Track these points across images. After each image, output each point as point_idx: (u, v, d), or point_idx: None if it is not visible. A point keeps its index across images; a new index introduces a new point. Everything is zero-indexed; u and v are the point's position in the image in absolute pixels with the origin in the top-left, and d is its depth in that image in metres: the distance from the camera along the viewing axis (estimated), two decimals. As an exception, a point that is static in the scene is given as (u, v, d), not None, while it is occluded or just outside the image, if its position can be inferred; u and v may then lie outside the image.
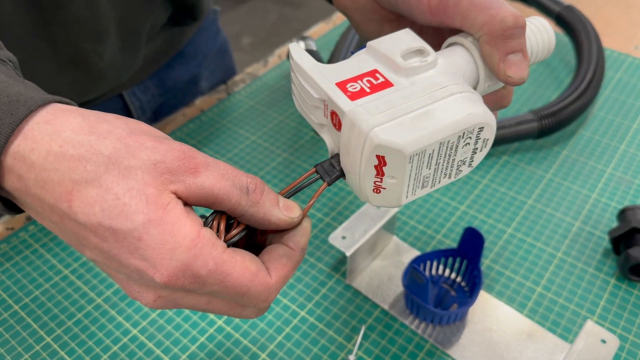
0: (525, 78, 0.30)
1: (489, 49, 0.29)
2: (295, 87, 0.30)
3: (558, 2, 0.69)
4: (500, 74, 0.30)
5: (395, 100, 0.27)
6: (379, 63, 0.29)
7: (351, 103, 0.27)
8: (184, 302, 0.26)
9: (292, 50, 0.30)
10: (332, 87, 0.27)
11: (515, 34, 0.29)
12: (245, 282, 0.25)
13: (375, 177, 0.27)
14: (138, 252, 0.23)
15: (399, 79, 0.28)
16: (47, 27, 0.43)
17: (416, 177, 0.28)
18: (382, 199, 0.28)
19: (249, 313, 0.28)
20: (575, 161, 0.56)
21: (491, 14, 0.29)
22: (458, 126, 0.26)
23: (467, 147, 0.28)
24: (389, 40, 0.30)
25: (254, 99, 0.64)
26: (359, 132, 0.26)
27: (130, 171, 0.23)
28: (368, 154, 0.26)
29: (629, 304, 0.44)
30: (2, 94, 0.24)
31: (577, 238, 0.49)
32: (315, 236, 0.49)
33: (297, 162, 0.56)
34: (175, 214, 0.24)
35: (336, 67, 0.29)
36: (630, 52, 0.71)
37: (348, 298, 0.45)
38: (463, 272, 0.45)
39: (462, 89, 0.28)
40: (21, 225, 0.50)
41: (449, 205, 0.52)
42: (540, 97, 0.64)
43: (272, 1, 2.49)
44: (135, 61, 0.52)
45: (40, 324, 0.43)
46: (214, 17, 0.67)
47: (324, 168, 0.29)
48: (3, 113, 0.24)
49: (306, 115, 0.30)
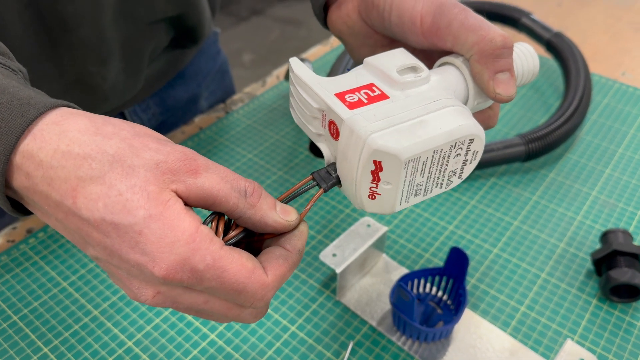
0: (513, 95, 0.32)
1: (479, 68, 0.31)
2: (294, 99, 0.32)
3: (548, 28, 0.71)
4: (489, 91, 0.32)
5: (392, 110, 0.29)
6: (375, 77, 0.31)
7: (350, 112, 0.28)
8: (183, 300, 0.27)
9: (292, 64, 0.31)
10: (331, 97, 0.29)
11: (503, 54, 0.31)
12: (241, 279, 0.26)
13: (371, 182, 0.28)
14: (138, 246, 0.24)
15: (394, 92, 0.30)
16: (54, 50, 0.45)
17: (410, 184, 0.29)
18: (377, 205, 0.30)
19: (246, 316, 0.29)
20: (561, 184, 0.58)
21: (481, 35, 0.31)
22: (451, 136, 0.28)
23: (458, 158, 0.30)
24: (385, 57, 0.32)
25: (252, 118, 0.66)
26: (357, 138, 0.27)
27: (134, 169, 0.25)
28: (365, 159, 0.27)
29: (610, 325, 0.45)
30: (13, 97, 0.26)
31: (561, 259, 0.50)
32: (307, 253, 0.51)
33: (291, 180, 0.58)
34: (175, 210, 0.25)
35: (334, 80, 0.31)
36: (618, 78, 0.73)
37: (337, 314, 0.46)
38: (449, 290, 0.46)
39: (454, 103, 0.30)
40: (22, 237, 0.52)
41: (438, 224, 0.53)
42: (528, 120, 0.66)
43: (273, 19, 2.53)
44: (138, 82, 0.54)
45: (38, 335, 0.44)
46: (214, 39, 0.69)
47: (320, 175, 0.31)
48: (14, 114, 0.25)
49: (304, 126, 0.32)
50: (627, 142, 0.62)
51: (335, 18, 0.39)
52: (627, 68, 0.75)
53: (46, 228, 0.52)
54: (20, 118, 0.25)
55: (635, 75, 0.73)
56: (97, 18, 0.46)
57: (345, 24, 0.39)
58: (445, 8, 0.32)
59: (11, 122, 0.25)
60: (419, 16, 0.33)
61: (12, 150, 0.25)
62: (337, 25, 0.39)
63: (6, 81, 0.27)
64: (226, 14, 2.58)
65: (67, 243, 0.51)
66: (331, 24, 0.40)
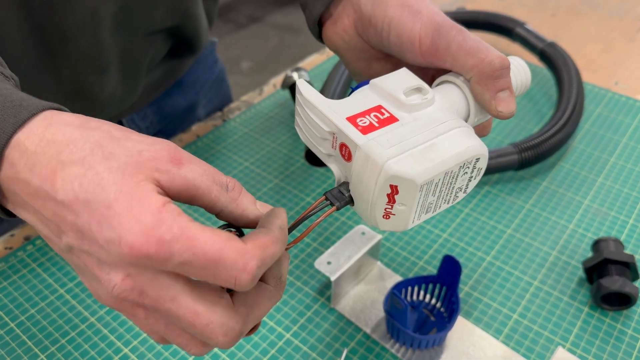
0: (514, 111, 0.33)
1: (480, 89, 0.33)
2: (302, 120, 0.33)
3: (542, 38, 0.72)
4: (492, 110, 0.33)
5: (403, 135, 0.30)
6: (382, 99, 0.32)
7: (364, 137, 0.29)
8: (152, 291, 0.25)
9: (300, 86, 0.32)
10: (343, 121, 0.30)
11: (502, 74, 0.32)
12: (216, 247, 0.24)
13: (387, 204, 0.29)
14: (107, 221, 0.24)
15: (402, 114, 0.31)
16: (53, 60, 0.46)
17: (423, 204, 0.30)
18: (391, 224, 0.31)
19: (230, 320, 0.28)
20: (554, 192, 0.58)
21: (480, 57, 0.32)
22: (460, 157, 0.30)
23: (465, 176, 0.31)
24: (390, 79, 0.33)
25: (249, 126, 0.67)
26: (374, 163, 0.28)
27: (114, 155, 0.25)
28: (382, 184, 0.28)
29: (601, 332, 0.46)
30: (6, 99, 0.26)
31: (553, 267, 0.51)
32: (302, 260, 0.51)
33: (287, 188, 0.58)
34: (146, 188, 0.24)
35: (343, 103, 0.32)
36: (611, 87, 0.74)
37: (332, 321, 0.46)
38: (442, 298, 0.47)
39: (459, 124, 0.31)
40: (19, 244, 0.52)
41: (432, 232, 0.54)
42: (522, 129, 0.66)
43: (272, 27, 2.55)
44: (135, 91, 0.55)
45: (35, 342, 0.44)
46: (212, 48, 0.70)
47: (333, 195, 0.31)
48: (7, 115, 0.26)
49: (313, 146, 0.33)
50: (620, 151, 0.63)
51: (331, 33, 0.40)
52: (620, 78, 0.76)
53: (44, 235, 0.53)
54: (13, 118, 0.26)
55: (628, 85, 0.74)
56: (95, 29, 0.46)
57: (341, 39, 0.39)
58: (444, 30, 0.33)
59: (3, 122, 0.26)
60: (418, 37, 0.34)
61: (4, 149, 0.26)
62: (333, 40, 0.40)
63: (0, 85, 0.27)
64: (225, 21, 2.59)
65: (65, 250, 0.51)
66: (327, 39, 0.41)
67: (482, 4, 0.92)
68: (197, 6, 0.55)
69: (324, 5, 0.39)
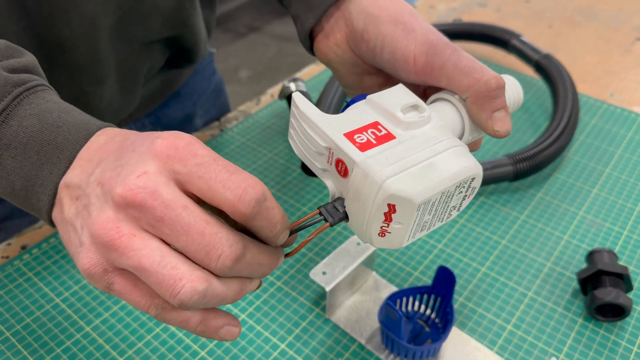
0: (510, 130, 0.33)
1: (476, 109, 0.33)
2: (297, 133, 0.32)
3: (537, 50, 0.73)
4: (488, 130, 0.33)
5: (401, 153, 0.30)
6: (379, 115, 0.32)
7: (362, 154, 0.29)
8: (167, 191, 0.26)
9: (296, 99, 0.32)
10: (340, 137, 0.30)
11: (498, 94, 0.33)
12: (210, 154, 0.27)
13: (383, 222, 0.29)
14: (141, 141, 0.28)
15: (399, 131, 0.31)
16: (51, 71, 0.46)
17: (419, 223, 0.30)
18: (386, 242, 0.31)
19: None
20: (549, 203, 0.59)
21: (475, 78, 0.32)
22: (457, 177, 0.30)
23: (460, 195, 0.31)
24: (387, 95, 0.33)
25: (246, 135, 0.67)
26: (372, 182, 0.28)
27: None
28: (380, 202, 0.28)
29: (595, 343, 0.46)
30: (76, 118, 0.31)
31: (547, 278, 0.51)
32: (297, 271, 0.51)
33: (284, 198, 0.59)
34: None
35: (340, 118, 0.31)
36: (606, 99, 0.74)
37: (327, 332, 0.47)
38: (437, 308, 0.47)
39: (455, 143, 0.31)
40: (16, 254, 0.52)
41: (427, 243, 0.54)
42: (517, 141, 0.67)
43: (271, 36, 2.56)
44: (133, 101, 0.55)
45: (30, 351, 0.44)
46: (210, 59, 0.70)
47: (327, 210, 0.31)
48: (80, 129, 0.31)
49: (307, 159, 0.33)
50: (615, 163, 0.64)
51: (322, 47, 0.40)
52: (615, 89, 0.76)
53: (40, 244, 0.53)
54: (84, 132, 0.30)
55: (623, 97, 0.75)
56: (93, 40, 0.47)
57: (333, 53, 0.40)
58: (438, 49, 0.34)
59: (77, 134, 0.30)
60: (412, 55, 0.34)
61: (75, 157, 0.30)
62: (325, 54, 0.40)
63: (69, 106, 0.32)
64: (224, 30, 2.61)
65: (61, 259, 0.51)
66: (318, 52, 0.41)
67: (479, 16, 0.93)
68: (196, 16, 0.55)
69: (315, 18, 0.39)
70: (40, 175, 0.30)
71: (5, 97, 0.30)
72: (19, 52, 0.33)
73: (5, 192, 0.31)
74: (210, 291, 0.26)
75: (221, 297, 0.27)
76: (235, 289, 0.28)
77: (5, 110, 0.30)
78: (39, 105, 0.31)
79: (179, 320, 0.28)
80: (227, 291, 0.27)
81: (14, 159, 0.30)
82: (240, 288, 0.28)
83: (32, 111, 0.30)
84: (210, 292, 0.26)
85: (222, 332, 0.29)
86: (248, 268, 0.28)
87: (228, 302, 0.28)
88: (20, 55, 0.33)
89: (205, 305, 0.27)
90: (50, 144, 0.30)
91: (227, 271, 0.27)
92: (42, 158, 0.30)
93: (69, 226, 0.28)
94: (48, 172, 0.30)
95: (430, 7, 0.97)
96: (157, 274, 0.26)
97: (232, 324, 0.29)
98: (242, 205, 0.26)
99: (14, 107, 0.30)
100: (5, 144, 0.30)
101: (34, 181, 0.30)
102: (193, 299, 0.26)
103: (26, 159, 0.30)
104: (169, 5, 0.51)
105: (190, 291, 0.25)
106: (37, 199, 0.30)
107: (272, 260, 0.29)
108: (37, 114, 0.30)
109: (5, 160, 0.30)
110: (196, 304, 0.26)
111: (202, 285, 0.26)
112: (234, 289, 0.28)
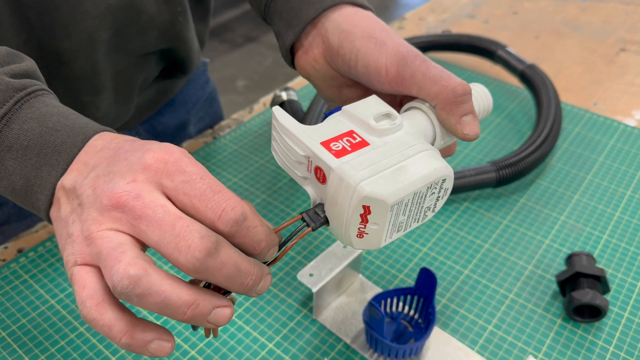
0: (479, 134, 0.35)
1: (445, 114, 0.35)
2: (279, 145, 0.34)
3: (522, 60, 0.75)
4: (458, 134, 0.35)
5: (374, 158, 0.32)
6: (354, 124, 0.34)
7: (337, 160, 0.31)
8: (150, 194, 0.27)
9: (276, 113, 0.34)
10: (318, 146, 0.32)
11: (464, 100, 0.35)
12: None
13: (360, 224, 0.31)
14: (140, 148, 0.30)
15: (373, 138, 0.33)
16: (50, 82, 0.48)
17: (394, 223, 0.32)
18: (364, 243, 0.33)
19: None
20: (531, 209, 0.60)
21: (443, 85, 0.34)
22: (428, 178, 0.32)
23: (432, 196, 0.33)
24: (361, 105, 0.35)
25: (238, 143, 0.69)
26: (347, 185, 0.30)
27: None
28: (355, 205, 0.30)
29: (572, 343, 0.47)
30: (75, 122, 0.33)
31: (528, 281, 0.53)
32: (285, 273, 0.53)
33: (274, 204, 0.60)
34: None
35: (317, 128, 0.34)
36: (590, 108, 0.76)
37: (314, 332, 0.48)
38: (420, 309, 0.49)
39: (426, 147, 0.33)
40: (12, 257, 0.54)
41: (412, 246, 0.56)
42: (502, 148, 0.69)
43: (267, 46, 2.59)
44: (128, 110, 0.57)
45: (25, 350, 0.46)
46: (204, 69, 0.72)
47: (309, 216, 0.33)
48: (77, 133, 0.32)
49: (288, 169, 0.35)
50: (596, 170, 0.65)
51: (302, 62, 0.42)
52: (599, 98, 0.78)
53: (36, 248, 0.54)
54: (81, 135, 0.32)
55: (606, 105, 0.77)
56: (91, 52, 0.49)
57: (312, 68, 0.42)
58: (408, 60, 0.36)
59: (75, 138, 0.32)
60: (384, 67, 0.36)
61: (73, 160, 0.31)
62: (304, 68, 0.42)
63: (67, 110, 0.34)
64: (221, 41, 2.63)
65: (57, 262, 0.53)
66: (299, 67, 0.43)
67: (467, 27, 0.95)
68: (189, 30, 0.57)
69: (295, 35, 0.41)
70: (40, 177, 0.32)
71: (8, 102, 0.32)
72: (19, 57, 0.35)
73: (7, 191, 0.33)
74: (145, 281, 0.25)
75: (160, 294, 0.25)
76: (185, 293, 0.26)
77: (7, 114, 0.32)
78: (39, 109, 0.33)
79: (101, 323, 0.27)
80: (169, 289, 0.26)
81: (15, 160, 0.32)
82: (194, 298, 0.26)
83: (32, 115, 0.32)
84: (145, 281, 0.25)
85: (152, 347, 0.28)
86: (223, 269, 0.27)
87: (174, 307, 0.26)
88: (20, 60, 0.35)
89: (142, 300, 0.26)
90: (49, 146, 0.32)
91: (198, 265, 0.26)
92: (41, 160, 0.31)
93: (63, 223, 0.30)
94: (47, 174, 0.31)
95: (420, 19, 0.99)
96: (107, 256, 0.26)
97: (163, 338, 0.28)
98: (220, 224, 0.27)
99: (16, 111, 0.32)
100: (7, 146, 0.32)
101: (33, 182, 0.32)
102: (123, 282, 0.25)
103: (27, 161, 0.32)
104: (164, 20, 0.53)
105: (122, 272, 0.25)
106: (37, 198, 0.32)
107: (255, 270, 0.28)
108: (37, 117, 0.32)
109: (7, 161, 0.32)
110: (127, 291, 0.25)
111: (136, 271, 0.25)
112: (182, 292, 0.26)
